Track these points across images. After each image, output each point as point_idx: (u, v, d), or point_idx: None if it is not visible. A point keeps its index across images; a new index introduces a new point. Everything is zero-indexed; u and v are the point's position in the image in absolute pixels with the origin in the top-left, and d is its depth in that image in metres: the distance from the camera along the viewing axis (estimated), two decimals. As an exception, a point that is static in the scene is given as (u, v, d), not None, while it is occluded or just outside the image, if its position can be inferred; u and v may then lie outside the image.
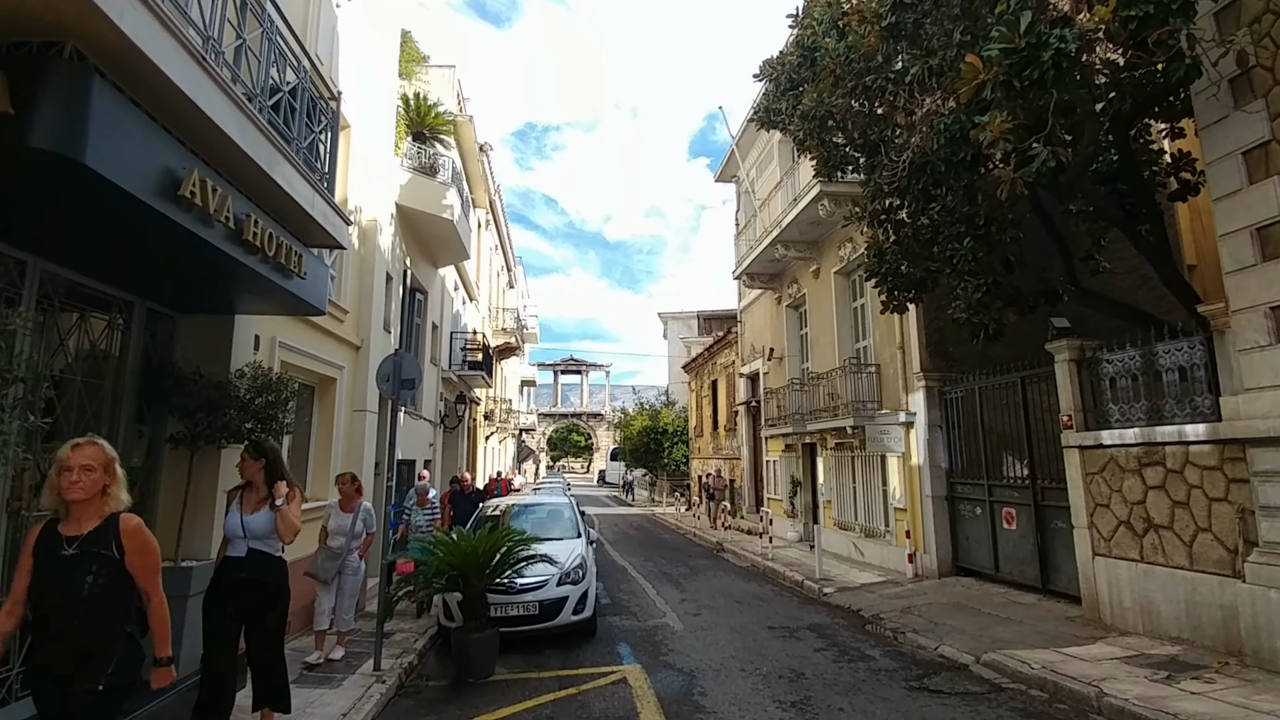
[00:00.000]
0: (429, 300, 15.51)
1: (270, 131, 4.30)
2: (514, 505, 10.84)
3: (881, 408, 13.77)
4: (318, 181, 5.27)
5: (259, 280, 4.83)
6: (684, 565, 15.59)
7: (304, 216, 5.04)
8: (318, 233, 5.46)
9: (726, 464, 26.37)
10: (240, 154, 4.05)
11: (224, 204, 4.06)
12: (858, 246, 14.81)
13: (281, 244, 4.85)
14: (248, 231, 4.31)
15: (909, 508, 12.56)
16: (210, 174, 3.99)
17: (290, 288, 5.14)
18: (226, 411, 5.37)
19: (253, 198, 4.50)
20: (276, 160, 4.43)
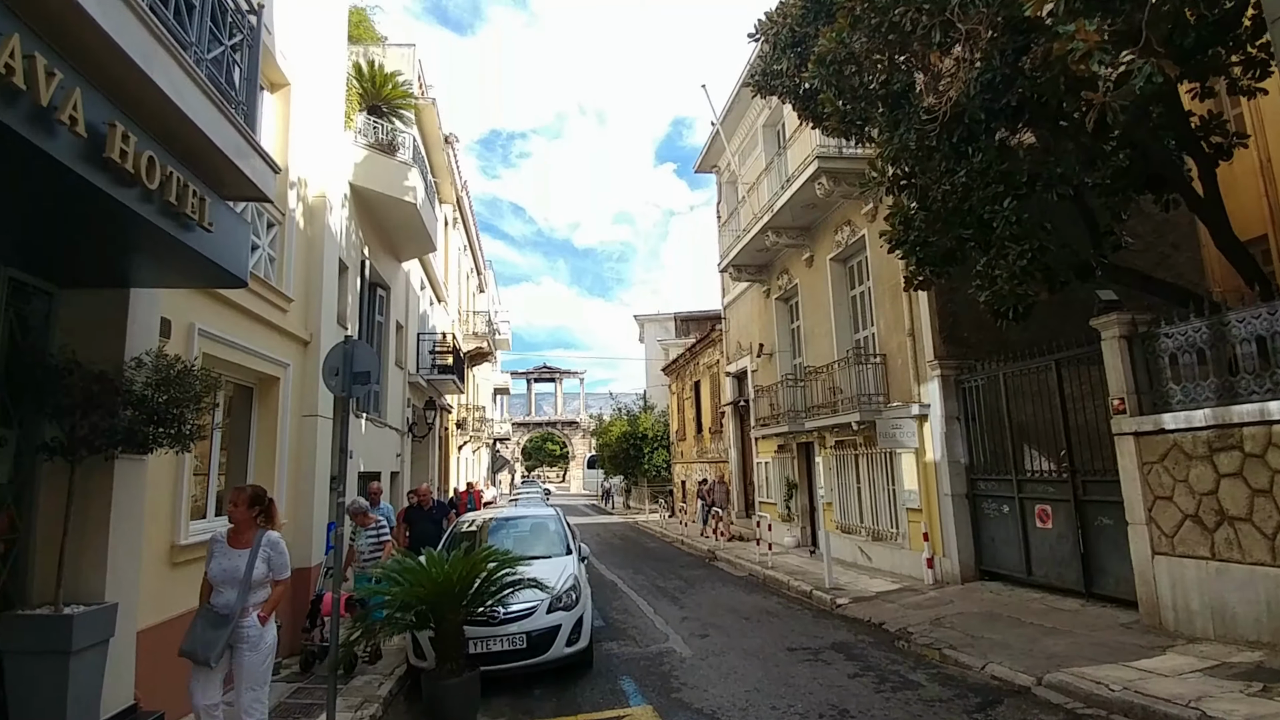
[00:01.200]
0: (392, 297, 14.23)
1: (142, 9, 3.07)
2: (492, 519, 9.61)
3: (889, 401, 12.70)
4: (229, 109, 4.03)
5: (143, 230, 3.59)
6: (677, 577, 14.41)
7: (206, 146, 3.80)
8: (232, 176, 4.23)
9: (712, 468, 25.22)
10: (93, 29, 2.83)
11: (69, 99, 2.83)
12: (857, 229, 13.80)
13: (173, 178, 3.62)
14: (112, 148, 3.08)
15: (925, 508, 11.48)
16: (41, 48, 2.76)
17: (192, 243, 3.89)
18: (116, 411, 4.11)
19: (123, 105, 3.27)
20: (156, 55, 3.20)
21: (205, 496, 7.04)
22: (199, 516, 6.84)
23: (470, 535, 8.95)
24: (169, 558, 5.74)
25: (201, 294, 6.29)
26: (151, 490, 5.28)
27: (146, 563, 5.20)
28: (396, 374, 14.70)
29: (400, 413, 14.96)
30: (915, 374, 11.84)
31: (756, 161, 18.66)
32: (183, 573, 6.04)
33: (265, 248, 7.91)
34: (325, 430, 9.14)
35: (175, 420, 4.37)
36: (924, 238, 8.22)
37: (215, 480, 7.14)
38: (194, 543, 6.15)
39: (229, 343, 6.83)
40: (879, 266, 13.13)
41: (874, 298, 13.40)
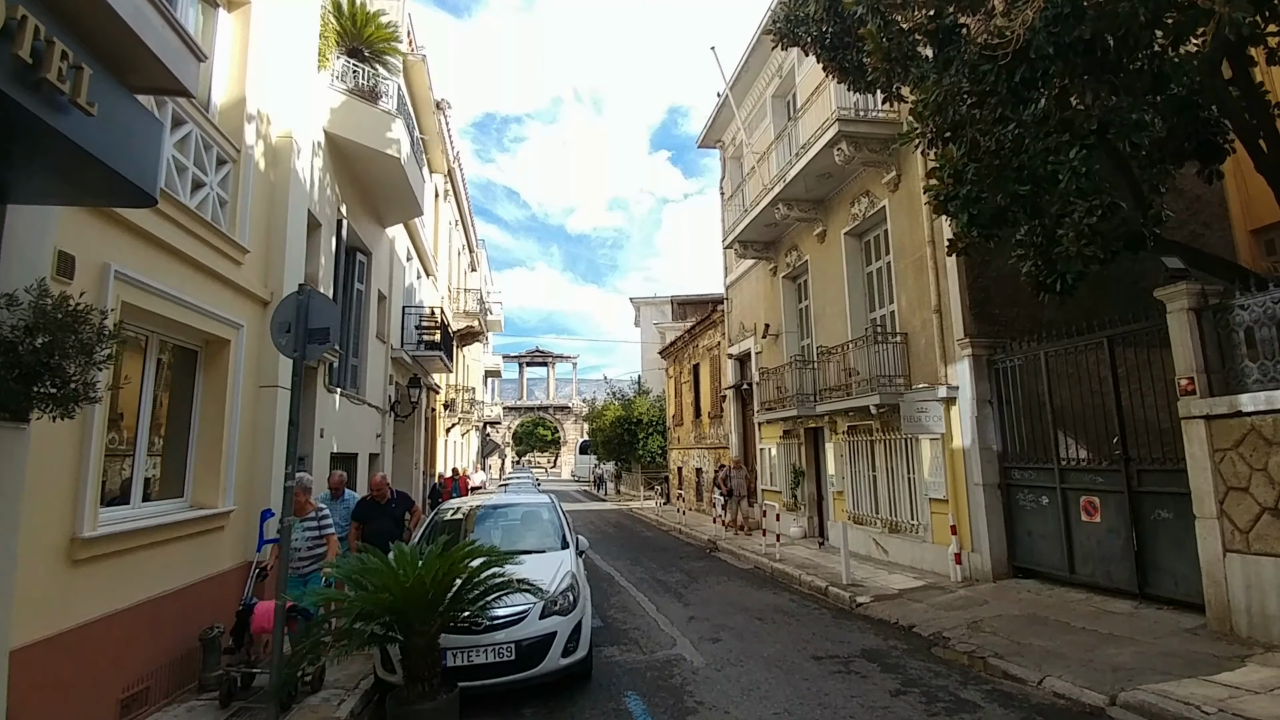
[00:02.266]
0: (374, 265, 13.17)
1: None
2: (479, 507, 8.58)
3: (912, 383, 11.73)
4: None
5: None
6: (678, 570, 13.45)
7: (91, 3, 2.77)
8: (134, 55, 3.20)
9: (710, 454, 24.28)
10: None
11: None
12: (876, 200, 12.81)
13: (28, 24, 2.59)
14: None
15: (951, 499, 10.53)
16: None
17: (68, 131, 2.87)
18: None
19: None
20: None
21: (131, 478, 5.98)
22: (119, 502, 5.78)
23: (454, 525, 7.95)
24: (68, 554, 4.63)
25: (124, 230, 5.23)
26: (42, 470, 4.26)
27: (31, 561, 4.16)
28: (378, 348, 13.65)
29: (381, 390, 13.93)
30: (942, 354, 10.86)
31: (765, 134, 17.62)
32: (90, 572, 4.97)
33: (214, 187, 6.82)
34: (287, 404, 8.12)
35: (54, 375, 3.32)
36: (976, 193, 7.20)
37: (143, 460, 6.06)
38: (105, 534, 5.09)
39: (162, 294, 5.75)
40: (901, 239, 12.13)
41: (895, 273, 12.41)
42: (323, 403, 10.03)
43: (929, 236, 11.18)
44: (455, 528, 7.83)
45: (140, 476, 6.09)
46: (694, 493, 26.12)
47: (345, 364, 11.92)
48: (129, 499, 5.94)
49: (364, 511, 8.53)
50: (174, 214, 6.02)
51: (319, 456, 9.79)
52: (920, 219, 11.49)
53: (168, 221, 5.92)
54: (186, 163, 6.43)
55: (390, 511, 8.56)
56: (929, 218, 11.19)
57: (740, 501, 18.18)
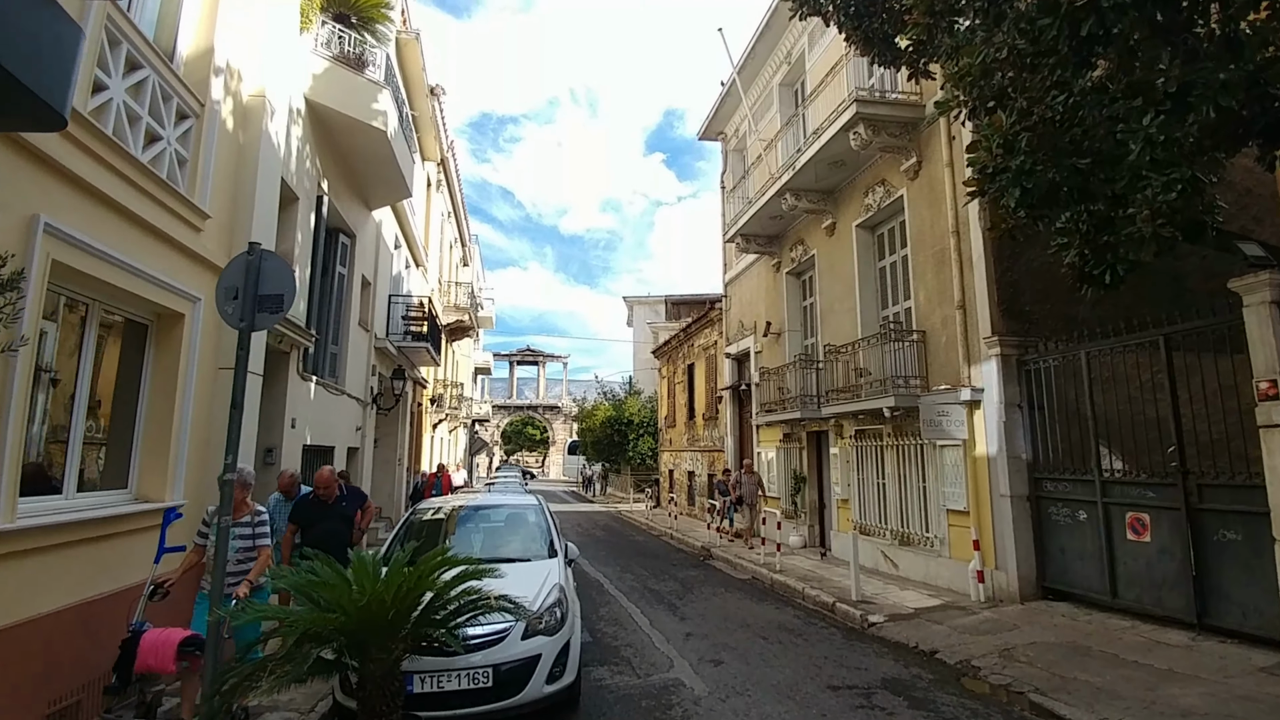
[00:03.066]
0: (358, 248, 12.33)
1: None
2: (461, 508, 7.73)
3: (929, 385, 10.96)
4: None
5: None
6: (671, 578, 12.64)
7: None
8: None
9: (704, 456, 23.49)
10: None
11: None
12: (893, 190, 12.05)
13: None
14: None
15: (973, 511, 9.76)
16: None
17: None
18: None
19: None
20: None
21: (65, 465, 5.15)
22: (46, 491, 4.95)
23: (431, 527, 7.12)
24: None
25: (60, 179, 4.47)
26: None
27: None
28: (360, 336, 12.81)
29: (363, 380, 13.09)
30: (965, 353, 10.09)
31: (771, 124, 16.84)
32: (8, 570, 4.22)
33: (172, 142, 6.00)
34: (254, 390, 7.29)
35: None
36: (1030, 164, 6.41)
37: (78, 444, 5.23)
38: (26, 527, 4.29)
39: (104, 255, 4.93)
40: (920, 230, 11.37)
41: (911, 267, 11.64)
42: (295, 390, 9.20)
43: (952, 226, 10.42)
44: (432, 530, 7.00)
45: (75, 463, 5.26)
46: (686, 497, 25.32)
47: (324, 351, 11.09)
48: (62, 488, 5.12)
49: (306, 512, 7.01)
50: (122, 167, 5.21)
51: (289, 449, 8.96)
52: (943, 208, 10.74)
53: (114, 175, 5.12)
54: (140, 112, 5.61)
55: (339, 511, 7.13)
56: (953, 206, 10.45)
57: (751, 510, 15.95)
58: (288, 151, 8.45)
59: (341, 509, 7.17)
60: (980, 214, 9.96)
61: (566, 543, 6.92)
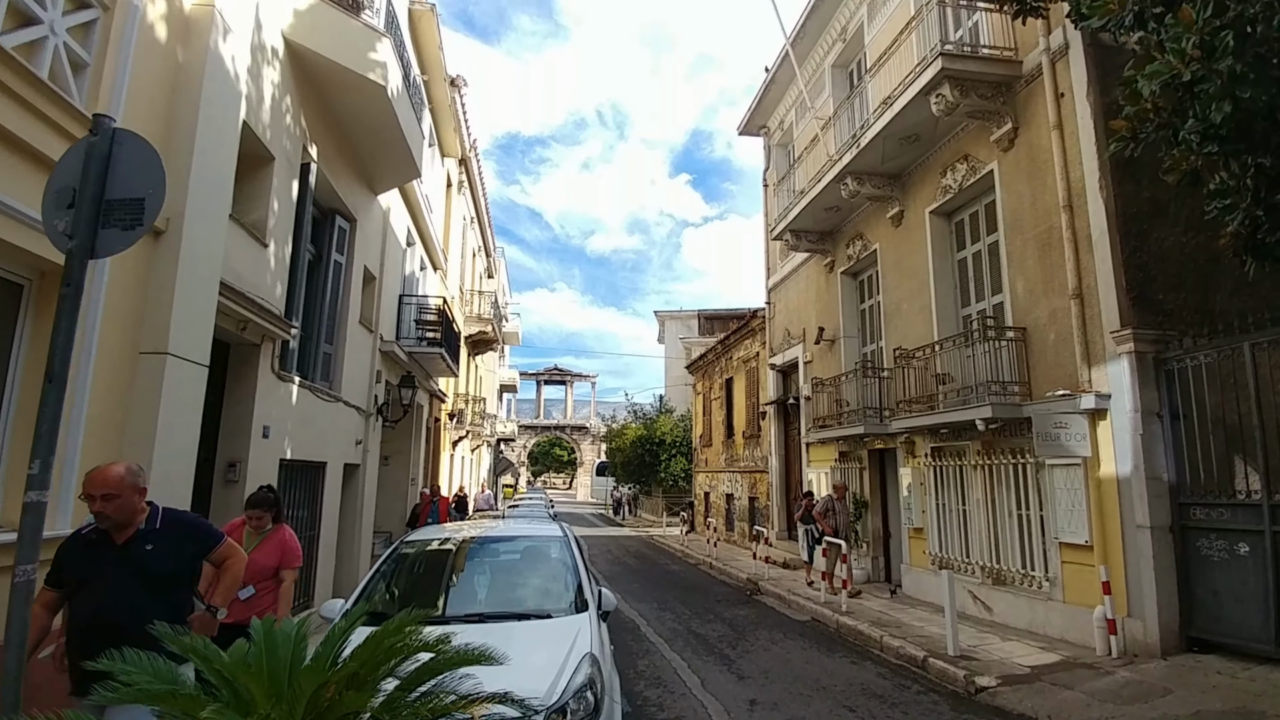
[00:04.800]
0: (360, 234, 10.77)
1: None
2: (466, 540, 5.96)
3: (1032, 391, 9.14)
4: None
5: None
6: (718, 618, 10.84)
7: None
8: None
9: (744, 478, 21.65)
10: None
11: None
12: (979, 165, 10.35)
13: None
14: None
15: (1098, 545, 7.89)
16: None
17: None
18: None
19: None
20: None
21: None
22: None
23: (421, 568, 5.42)
24: None
25: None
26: None
27: None
28: (362, 337, 11.23)
29: (365, 387, 11.49)
30: (1083, 352, 8.27)
31: (823, 109, 15.07)
32: None
33: (59, 34, 4.39)
34: (197, 383, 5.65)
35: None
36: (1242, 70, 4.65)
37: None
38: None
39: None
40: (1017, 210, 9.60)
41: (1005, 254, 9.84)
42: (269, 392, 7.60)
43: (1063, 200, 8.63)
44: (419, 573, 5.31)
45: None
46: (724, 521, 23.45)
47: (313, 349, 9.51)
48: None
49: (75, 558, 3.46)
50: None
51: (259, 464, 7.34)
52: (1048, 180, 8.98)
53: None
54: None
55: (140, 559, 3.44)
56: (1063, 176, 8.68)
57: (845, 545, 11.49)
58: (256, 94, 6.88)
59: (143, 555, 3.45)
60: (1101, 183, 8.18)
61: (601, 589, 5.18)
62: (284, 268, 7.99)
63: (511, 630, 4.18)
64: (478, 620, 4.41)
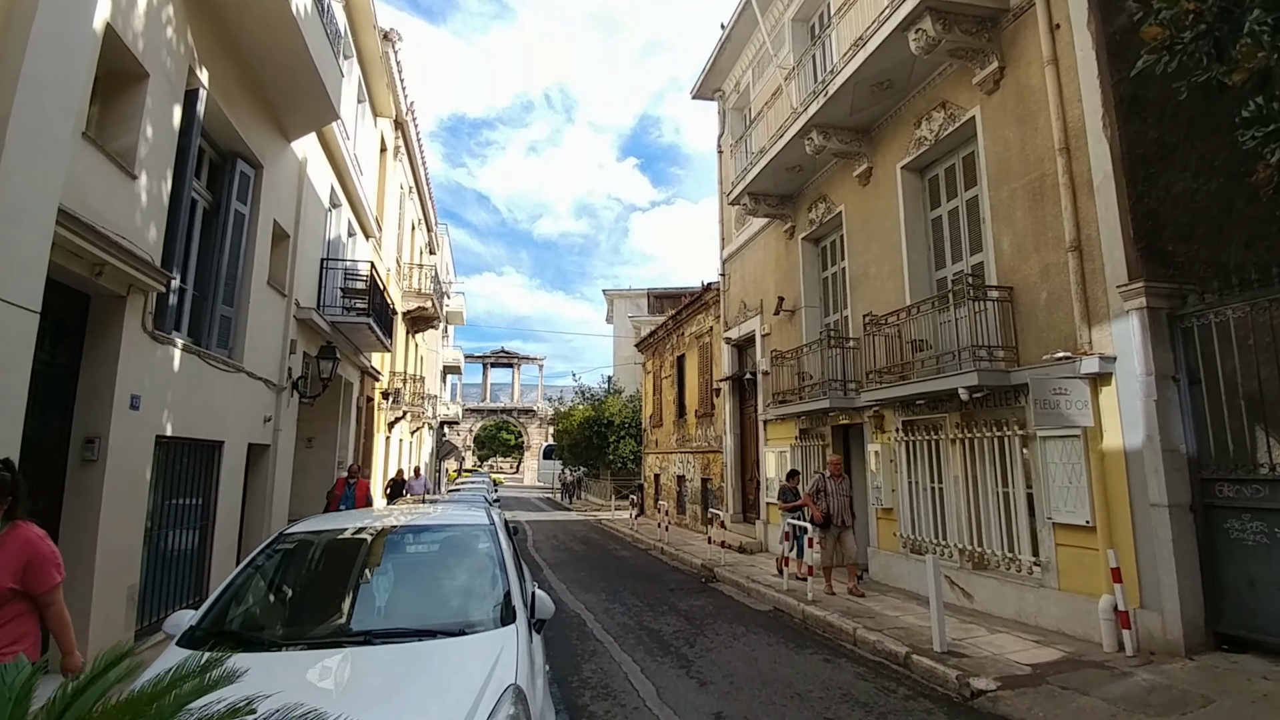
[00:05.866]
0: (268, 183, 9.43)
1: None
2: (361, 531, 4.67)
3: (1020, 356, 8.27)
4: None
5: None
6: (672, 610, 9.84)
7: None
8: None
9: (697, 459, 20.70)
10: None
11: None
12: (959, 113, 9.52)
13: None
14: None
15: (1102, 525, 7.04)
16: None
17: None
18: None
19: None
20: None
21: None
22: None
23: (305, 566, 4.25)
24: None
25: None
26: None
27: None
28: (271, 300, 9.91)
29: (277, 358, 10.18)
30: (1083, 310, 7.40)
31: (785, 62, 14.03)
32: None
33: None
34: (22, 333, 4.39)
35: None
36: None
37: None
38: None
39: None
40: (1003, 158, 8.70)
41: (989, 208, 8.94)
42: (139, 354, 6.31)
43: (1059, 143, 7.74)
44: (296, 577, 4.14)
45: None
46: (675, 504, 22.51)
47: (208, 310, 8.21)
48: None
49: None
50: None
51: (125, 441, 6.06)
52: (1039, 123, 8.09)
53: None
54: None
55: None
56: (1060, 116, 7.78)
57: (842, 535, 10.36)
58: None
59: None
60: (1104, 121, 7.29)
61: (535, 590, 4.07)
62: (160, 208, 6.68)
63: (409, 656, 3.07)
64: (363, 641, 3.29)
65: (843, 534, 10.34)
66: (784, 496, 11.75)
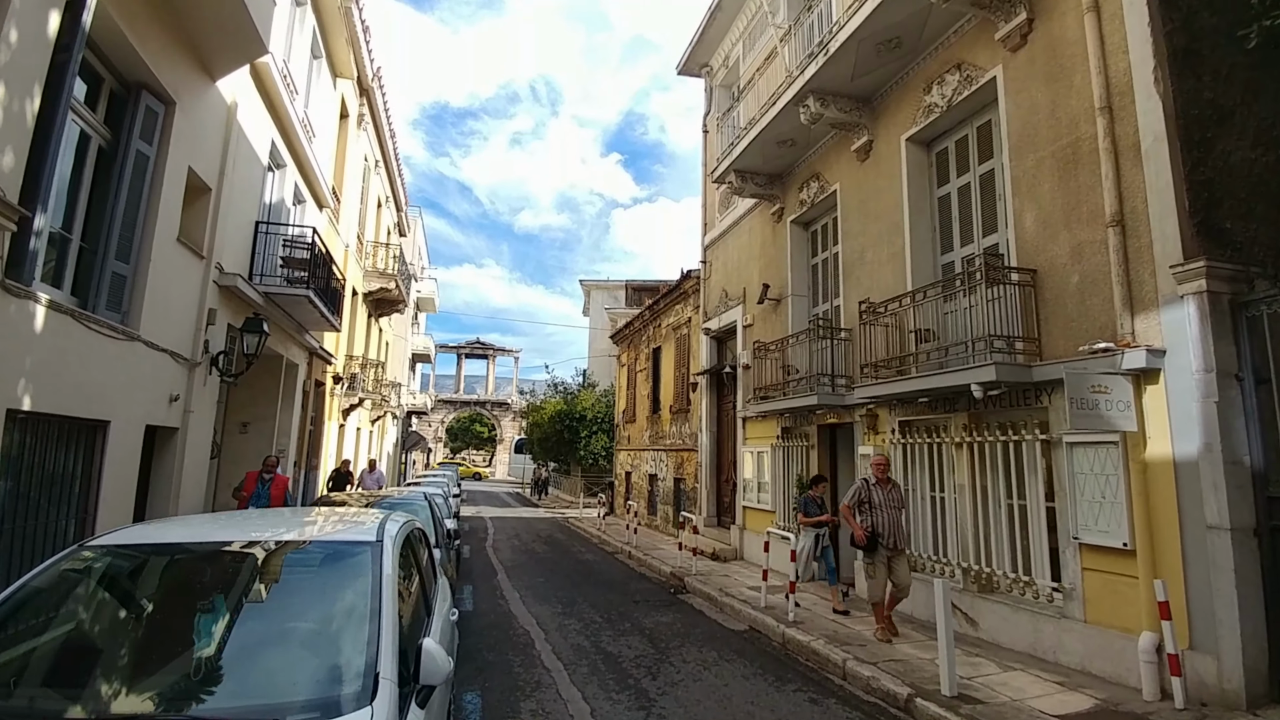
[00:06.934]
0: (183, 125, 8.11)
1: None
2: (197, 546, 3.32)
3: (1042, 349, 7.16)
4: None
5: None
6: (635, 628, 8.66)
7: None
8: None
9: (670, 457, 19.53)
10: None
11: None
12: (977, 74, 8.36)
13: None
14: None
15: (1142, 549, 5.94)
16: None
17: None
18: None
19: None
20: None
21: None
22: None
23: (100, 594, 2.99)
24: None
25: None
26: None
27: None
28: (183, 261, 8.60)
29: (189, 328, 8.86)
30: (1125, 295, 6.29)
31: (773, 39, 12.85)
32: None
33: None
34: None
35: None
36: None
37: None
38: None
39: None
40: (1030, 123, 7.58)
41: (1010, 181, 7.81)
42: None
43: (1099, 101, 6.63)
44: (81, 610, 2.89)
45: None
46: (646, 504, 21.34)
47: (95, 263, 6.93)
48: None
49: None
50: None
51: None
52: (1076, 79, 6.99)
53: None
54: None
55: None
56: (1100, 71, 6.66)
57: (892, 560, 7.93)
58: None
59: None
60: (1156, 75, 6.19)
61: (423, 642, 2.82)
62: (23, 131, 5.38)
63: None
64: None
65: (894, 559, 7.90)
66: (807, 508, 9.75)
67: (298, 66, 12.81)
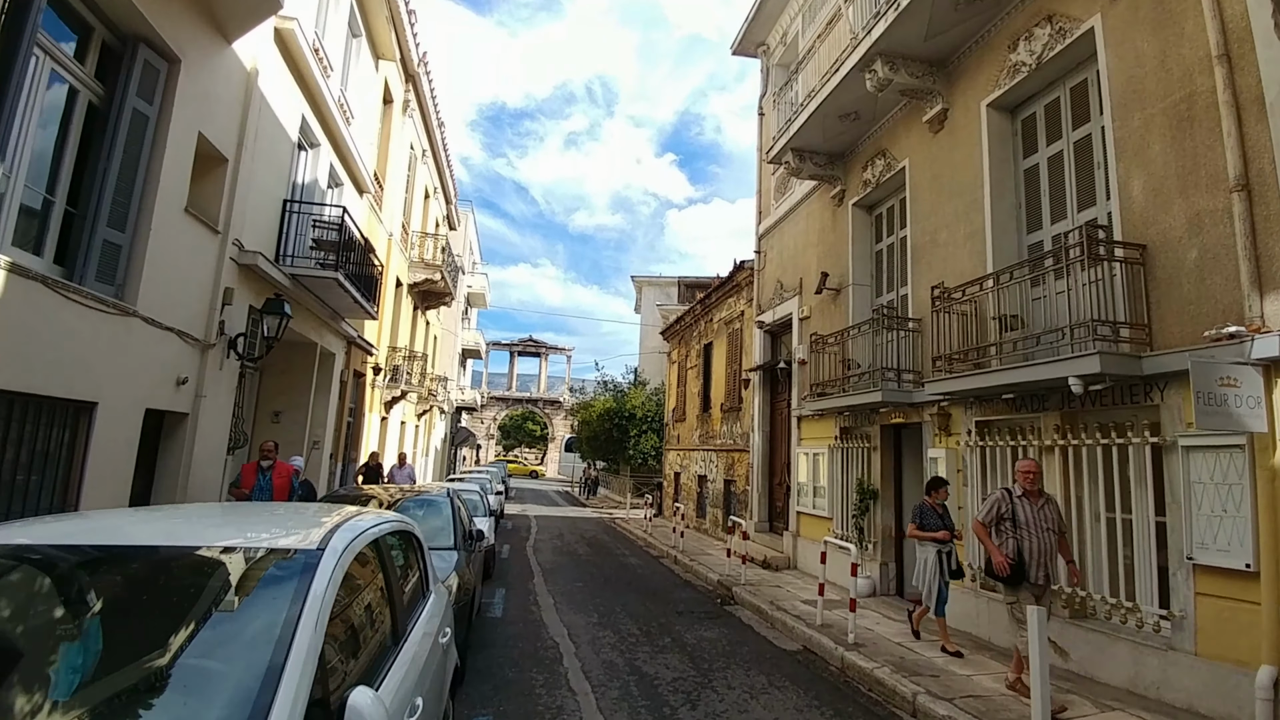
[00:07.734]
0: (188, 85, 7.50)
1: None
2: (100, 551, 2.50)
3: (1152, 338, 6.10)
4: None
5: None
6: (676, 645, 7.80)
7: None
8: None
9: (720, 458, 18.60)
10: None
11: None
12: (1071, 25, 7.24)
13: None
14: None
15: (1266, 571, 4.89)
16: None
17: None
18: None
19: None
20: None
21: None
22: None
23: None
24: None
25: None
26: None
27: None
28: (193, 233, 7.99)
29: (202, 306, 8.28)
30: (1254, 271, 5.22)
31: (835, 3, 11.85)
32: None
33: None
34: None
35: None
36: None
37: None
38: None
39: None
40: (1135, 78, 6.51)
41: (1113, 144, 6.75)
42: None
43: (1216, 49, 5.59)
44: None
45: None
46: (695, 506, 20.45)
47: (84, 229, 6.33)
48: None
49: None
50: None
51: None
52: (1188, 25, 5.99)
53: None
54: None
55: None
56: (1218, 13, 5.63)
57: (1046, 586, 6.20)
58: None
59: None
60: (1276, 17, 5.11)
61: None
62: None
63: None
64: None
65: (1044, 597, 6.14)
66: (923, 520, 7.66)
67: (333, 42, 12.23)
